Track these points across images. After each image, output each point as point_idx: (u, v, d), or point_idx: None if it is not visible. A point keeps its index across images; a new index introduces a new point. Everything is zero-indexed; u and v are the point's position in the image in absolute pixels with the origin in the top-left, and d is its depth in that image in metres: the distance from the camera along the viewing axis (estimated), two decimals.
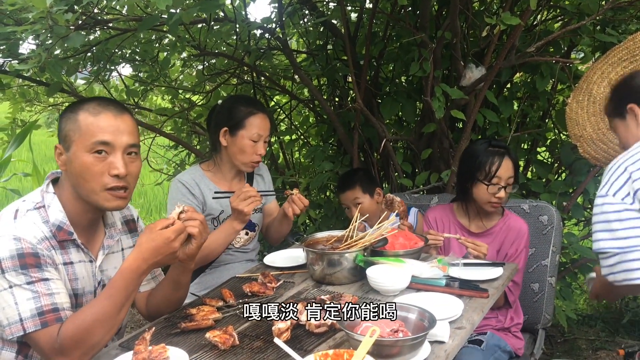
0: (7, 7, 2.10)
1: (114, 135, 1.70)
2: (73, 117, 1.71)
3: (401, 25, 3.35)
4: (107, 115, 1.71)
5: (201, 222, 1.77)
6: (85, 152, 1.69)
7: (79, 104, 1.76)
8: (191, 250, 1.80)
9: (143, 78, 3.88)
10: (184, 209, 1.76)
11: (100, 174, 1.69)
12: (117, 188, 1.72)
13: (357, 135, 3.45)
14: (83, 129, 1.69)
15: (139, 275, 1.67)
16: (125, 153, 1.73)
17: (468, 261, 2.15)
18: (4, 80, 3.43)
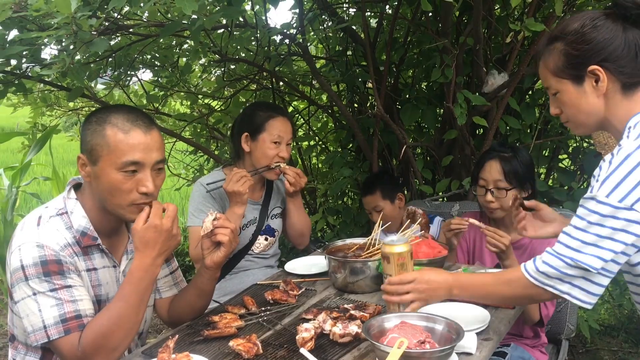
0: (32, 13, 2.11)
1: (144, 153, 1.68)
2: (100, 132, 1.68)
3: (422, 31, 3.33)
4: (137, 132, 1.68)
5: (232, 231, 1.78)
6: (114, 169, 1.66)
7: (105, 115, 1.72)
8: (219, 257, 1.80)
9: (163, 83, 3.90)
10: (216, 216, 1.75)
11: (129, 191, 1.68)
12: (143, 203, 1.70)
13: (377, 141, 3.43)
14: (112, 146, 1.66)
15: (146, 272, 1.66)
16: (153, 169, 1.72)
17: (493, 271, 2.11)
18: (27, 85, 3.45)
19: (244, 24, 3.25)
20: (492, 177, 2.40)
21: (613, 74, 1.49)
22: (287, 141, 2.52)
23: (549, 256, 1.50)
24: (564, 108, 1.59)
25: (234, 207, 2.40)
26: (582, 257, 1.43)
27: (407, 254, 1.79)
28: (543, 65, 1.60)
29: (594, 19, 1.51)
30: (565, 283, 1.47)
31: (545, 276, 1.50)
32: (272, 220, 2.70)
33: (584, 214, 1.44)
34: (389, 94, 3.53)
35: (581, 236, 1.44)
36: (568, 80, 1.54)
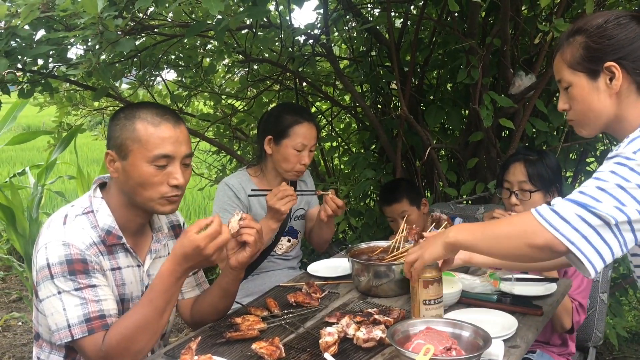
0: (59, 13, 2.12)
1: (174, 146, 1.70)
2: (130, 126, 1.69)
3: (448, 31, 3.29)
4: (167, 126, 1.70)
5: (257, 231, 1.77)
6: (145, 162, 1.68)
7: (133, 111, 1.73)
8: (244, 257, 1.79)
9: (187, 83, 3.91)
10: (242, 216, 1.75)
11: (160, 184, 1.69)
12: (173, 196, 1.72)
13: (401, 142, 3.40)
14: (143, 139, 1.67)
15: (176, 279, 1.66)
16: (182, 163, 1.73)
17: (520, 276, 2.07)
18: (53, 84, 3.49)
19: (268, 24, 3.24)
20: (516, 179, 2.37)
21: (630, 73, 1.47)
22: (310, 147, 2.50)
23: (565, 201, 1.39)
24: (574, 104, 1.55)
25: (270, 221, 2.38)
26: (601, 206, 1.33)
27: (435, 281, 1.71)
28: (560, 57, 1.57)
29: (618, 17, 1.50)
30: (575, 231, 1.35)
31: (556, 217, 1.37)
32: (295, 221, 2.69)
33: (606, 167, 1.39)
34: (413, 95, 3.50)
35: (603, 185, 1.36)
36: (583, 74, 1.52)
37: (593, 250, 1.35)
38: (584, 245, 1.35)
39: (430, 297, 1.69)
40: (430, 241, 1.64)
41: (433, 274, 1.68)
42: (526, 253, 1.43)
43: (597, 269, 1.36)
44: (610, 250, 1.35)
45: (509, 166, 2.46)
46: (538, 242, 1.40)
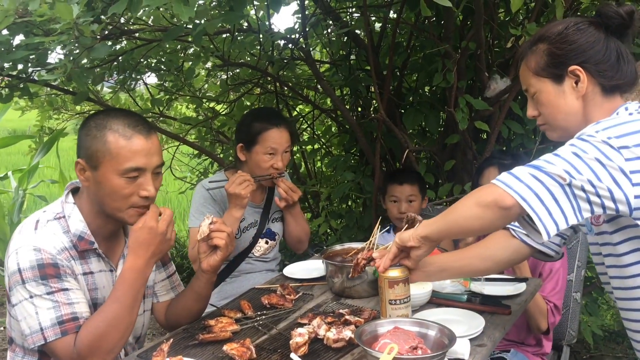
0: (36, 19, 2.13)
1: (146, 158, 1.70)
2: (101, 138, 1.68)
3: (425, 35, 3.33)
4: (139, 138, 1.70)
5: (228, 235, 1.81)
6: (116, 175, 1.68)
7: (103, 121, 1.72)
8: (215, 261, 1.83)
9: (168, 87, 3.92)
10: (213, 220, 1.78)
11: (129, 195, 1.70)
12: (142, 206, 1.73)
13: (379, 145, 3.43)
14: (114, 152, 1.67)
15: (138, 273, 1.70)
16: (153, 173, 1.74)
17: (490, 276, 2.11)
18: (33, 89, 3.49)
19: (248, 28, 3.27)
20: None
21: (594, 76, 1.52)
22: (282, 151, 2.53)
23: (524, 166, 1.43)
24: (542, 109, 1.60)
25: (233, 210, 2.42)
26: (555, 168, 1.36)
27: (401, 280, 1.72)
28: (524, 65, 1.62)
29: (577, 22, 1.56)
30: (526, 187, 1.37)
31: (509, 176, 1.41)
32: (273, 223, 2.72)
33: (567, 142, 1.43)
34: (391, 98, 3.53)
35: (559, 152, 1.40)
36: (548, 80, 1.57)
37: (545, 209, 1.36)
38: (535, 202, 1.36)
39: (397, 296, 1.72)
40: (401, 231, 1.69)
41: (398, 274, 1.71)
42: (476, 213, 1.44)
43: (549, 230, 1.36)
44: (563, 213, 1.36)
45: (483, 170, 2.51)
46: (486, 198, 1.42)
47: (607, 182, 1.35)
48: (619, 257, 1.56)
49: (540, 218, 1.36)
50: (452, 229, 1.57)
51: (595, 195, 1.36)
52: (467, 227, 1.51)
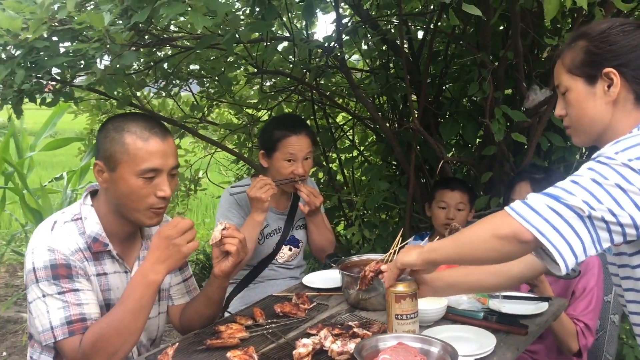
0: (75, 26, 2.21)
1: (162, 160, 1.76)
2: (119, 139, 1.75)
3: (462, 44, 3.27)
4: (156, 140, 1.75)
5: (240, 241, 1.82)
6: (133, 175, 1.73)
7: (122, 123, 1.78)
8: (227, 267, 1.85)
9: (210, 94, 3.99)
10: (226, 226, 1.81)
11: (147, 196, 1.76)
12: (159, 208, 1.78)
13: (414, 155, 3.38)
14: (132, 153, 1.73)
15: (143, 277, 1.71)
16: (169, 174, 1.79)
17: (509, 294, 2.04)
18: (80, 94, 3.62)
19: (284, 36, 3.29)
20: (522, 199, 2.32)
21: (629, 82, 1.44)
22: (303, 157, 2.53)
23: (538, 194, 1.36)
24: (570, 109, 1.53)
25: (254, 214, 2.44)
26: (573, 198, 1.30)
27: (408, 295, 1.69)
28: (560, 62, 1.55)
29: (623, 24, 1.48)
30: (543, 220, 1.31)
31: (525, 207, 1.34)
32: (297, 231, 2.72)
33: (585, 165, 1.36)
34: (429, 108, 3.48)
35: (578, 179, 1.33)
36: (581, 79, 1.49)
37: (564, 242, 1.29)
38: (552, 234, 1.30)
39: (404, 311, 1.68)
40: (408, 249, 1.64)
41: (405, 288, 1.68)
42: (494, 245, 1.39)
43: (568, 262, 1.30)
44: (583, 245, 1.30)
45: (515, 185, 2.43)
46: (504, 231, 1.36)
47: (628, 209, 1.29)
48: (637, 280, 1.47)
49: (560, 252, 1.30)
50: (464, 258, 1.52)
51: (616, 225, 1.30)
52: (482, 257, 1.46)
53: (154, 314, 1.96)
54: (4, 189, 4.93)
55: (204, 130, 4.31)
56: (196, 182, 4.43)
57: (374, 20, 3.44)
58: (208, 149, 4.73)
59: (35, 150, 5.37)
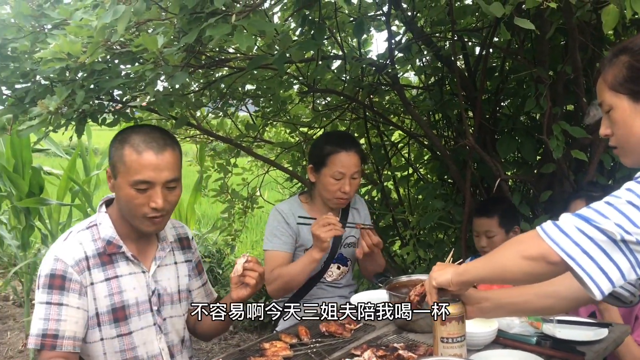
0: (133, 48, 2.29)
1: (154, 173, 1.84)
2: (120, 149, 1.87)
3: (518, 59, 3.18)
4: (149, 153, 1.84)
5: (260, 274, 1.91)
6: (127, 185, 1.84)
7: (127, 135, 1.90)
8: (244, 295, 1.94)
9: (265, 113, 4.04)
10: (248, 259, 1.90)
11: (141, 205, 1.85)
12: (155, 217, 1.86)
13: (470, 173, 3.30)
14: (127, 164, 1.84)
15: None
16: (165, 187, 1.87)
17: (564, 318, 1.94)
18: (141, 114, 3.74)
19: (335, 55, 3.30)
20: None
21: None
22: (350, 175, 2.50)
23: (569, 215, 1.30)
24: (615, 128, 1.45)
25: (313, 251, 2.43)
26: (606, 221, 1.23)
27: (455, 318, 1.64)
28: (602, 78, 1.48)
29: None
30: (574, 244, 1.25)
31: (555, 228, 1.29)
32: (345, 249, 2.69)
33: (624, 186, 1.29)
34: (485, 124, 3.40)
35: (613, 201, 1.27)
36: (625, 96, 1.41)
37: (595, 267, 1.24)
38: (583, 260, 1.24)
39: (450, 334, 1.63)
40: (444, 267, 1.60)
41: (452, 310, 1.62)
42: (522, 267, 1.35)
43: (602, 287, 1.24)
44: (619, 269, 1.24)
45: (570, 204, 2.35)
46: (532, 252, 1.32)
47: None
48: None
49: (591, 276, 1.24)
50: (495, 279, 1.49)
51: None
52: (512, 278, 1.44)
53: (179, 313, 2.08)
54: (70, 206, 5.13)
55: (260, 149, 4.36)
56: (253, 200, 4.48)
57: (428, 36, 3.40)
58: (265, 167, 4.79)
59: (102, 169, 5.57)
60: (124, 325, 1.91)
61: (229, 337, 4.93)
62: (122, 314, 1.91)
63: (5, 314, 5.31)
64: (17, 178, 4.62)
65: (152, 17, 2.07)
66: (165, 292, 2.02)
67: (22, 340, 4.66)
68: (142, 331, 1.95)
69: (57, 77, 2.59)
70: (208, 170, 4.80)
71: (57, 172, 5.55)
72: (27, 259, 4.80)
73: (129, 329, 1.92)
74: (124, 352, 1.92)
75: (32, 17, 2.53)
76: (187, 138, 5.02)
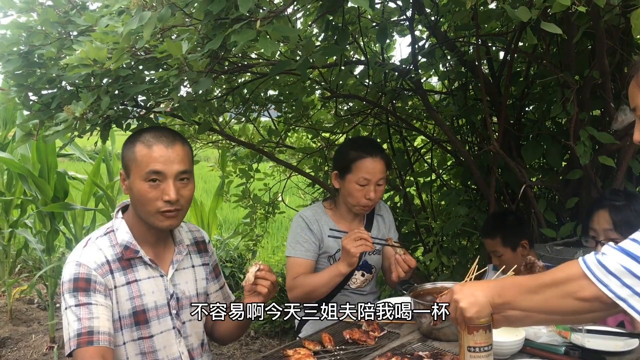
0: (157, 54, 2.31)
1: (165, 164, 1.88)
2: (131, 148, 1.91)
3: (544, 64, 3.14)
4: (159, 146, 1.89)
5: (272, 283, 1.91)
6: (141, 180, 1.87)
7: (138, 135, 1.94)
8: (255, 300, 1.92)
9: (287, 118, 4.05)
10: (260, 267, 1.90)
11: (155, 199, 1.88)
12: (169, 211, 1.88)
13: (495, 179, 3.26)
14: (139, 159, 1.88)
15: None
16: (177, 179, 1.89)
17: (593, 327, 1.90)
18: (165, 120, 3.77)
19: (358, 60, 3.29)
20: (601, 228, 2.20)
21: None
22: (376, 182, 2.48)
23: (613, 250, 1.27)
24: None
25: (340, 265, 2.40)
26: None
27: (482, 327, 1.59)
28: (634, 82, 1.44)
29: None
30: (623, 286, 1.23)
31: (601, 269, 1.26)
32: (370, 256, 2.67)
33: None
34: (510, 130, 3.35)
35: None
36: None
37: None
38: (635, 301, 1.22)
39: (477, 344, 1.60)
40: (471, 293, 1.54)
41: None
42: (576, 307, 1.33)
43: None
44: None
45: (593, 213, 2.30)
46: (585, 294, 1.30)
47: None
48: None
49: None
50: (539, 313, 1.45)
51: None
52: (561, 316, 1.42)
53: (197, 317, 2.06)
54: (94, 210, 5.19)
55: (282, 154, 4.36)
56: (275, 205, 4.48)
57: (452, 41, 3.37)
58: (287, 172, 4.79)
59: None
60: (145, 329, 1.93)
61: (251, 342, 4.92)
62: (142, 318, 1.93)
63: (29, 317, 5.37)
64: (43, 183, 4.68)
65: (177, 23, 2.08)
66: (183, 295, 2.03)
67: (47, 344, 4.71)
68: (162, 335, 1.96)
69: (82, 83, 2.62)
70: (230, 175, 4.81)
71: (81, 176, 5.62)
72: (51, 263, 4.85)
73: (149, 332, 1.94)
74: (144, 355, 1.93)
75: (58, 24, 2.57)
76: (209, 143, 5.05)
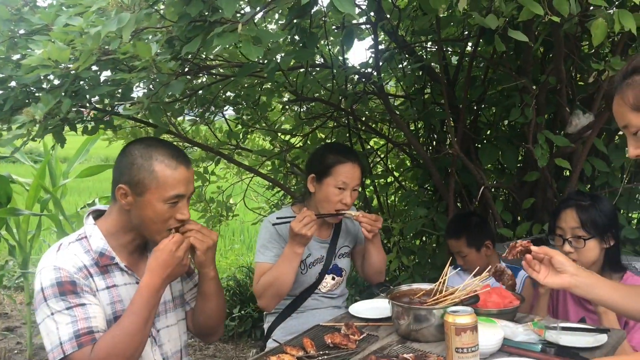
0: (120, 56, 2.24)
1: (187, 186, 1.89)
2: (148, 167, 1.83)
3: (502, 69, 3.25)
4: (182, 168, 1.87)
5: (198, 230, 1.92)
6: (160, 201, 1.83)
7: (149, 151, 1.85)
8: (199, 258, 1.96)
9: (245, 120, 4.01)
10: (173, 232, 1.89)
11: (169, 219, 1.87)
12: (177, 228, 1.88)
13: (454, 181, 3.34)
14: (161, 180, 1.82)
15: (155, 291, 1.83)
16: (188, 198, 1.90)
17: (566, 325, 1.98)
18: (117, 122, 3.66)
19: (321, 64, 3.30)
20: (568, 226, 2.29)
21: None
22: (352, 187, 2.49)
23: None
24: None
25: (295, 246, 2.40)
26: None
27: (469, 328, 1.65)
28: (620, 101, 1.48)
29: None
30: None
31: None
32: (340, 259, 2.68)
33: None
34: (467, 133, 3.45)
35: None
36: None
37: None
38: None
39: (464, 345, 1.64)
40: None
41: (467, 320, 1.63)
42: None
43: None
44: None
45: (560, 212, 2.38)
46: None
47: None
48: None
49: None
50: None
51: None
52: None
53: (173, 321, 2.05)
54: (41, 215, 4.98)
55: (239, 156, 4.32)
56: (228, 208, 4.43)
57: (411, 46, 3.44)
58: (240, 175, 4.74)
59: (70, 178, 5.42)
60: None
61: (204, 347, 4.85)
62: None
63: None
64: None
65: (151, 25, 2.02)
66: None
67: None
68: None
69: (35, 85, 2.51)
70: None
71: (24, 180, 5.37)
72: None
73: None
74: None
75: (10, 21, 2.46)
76: None
